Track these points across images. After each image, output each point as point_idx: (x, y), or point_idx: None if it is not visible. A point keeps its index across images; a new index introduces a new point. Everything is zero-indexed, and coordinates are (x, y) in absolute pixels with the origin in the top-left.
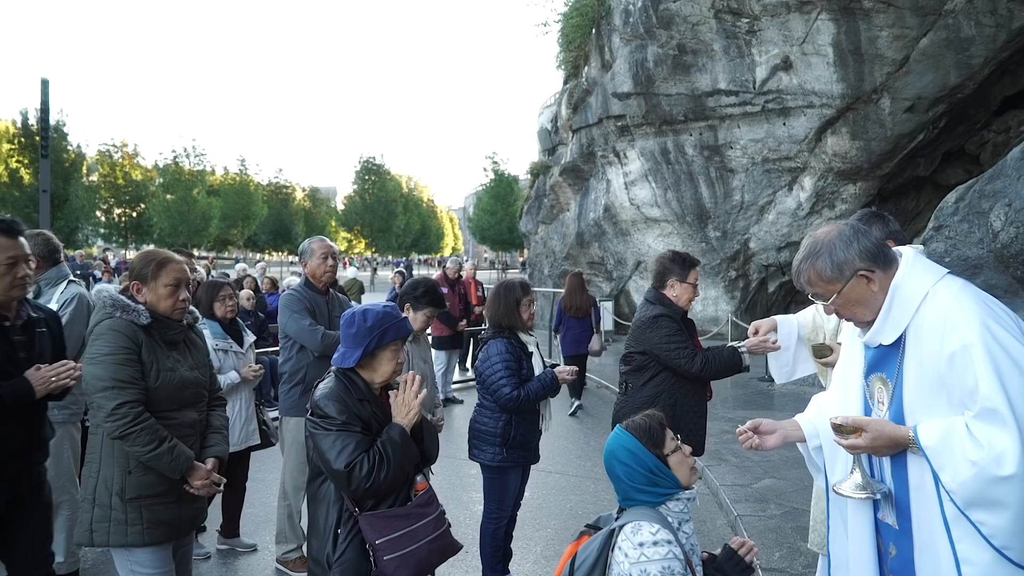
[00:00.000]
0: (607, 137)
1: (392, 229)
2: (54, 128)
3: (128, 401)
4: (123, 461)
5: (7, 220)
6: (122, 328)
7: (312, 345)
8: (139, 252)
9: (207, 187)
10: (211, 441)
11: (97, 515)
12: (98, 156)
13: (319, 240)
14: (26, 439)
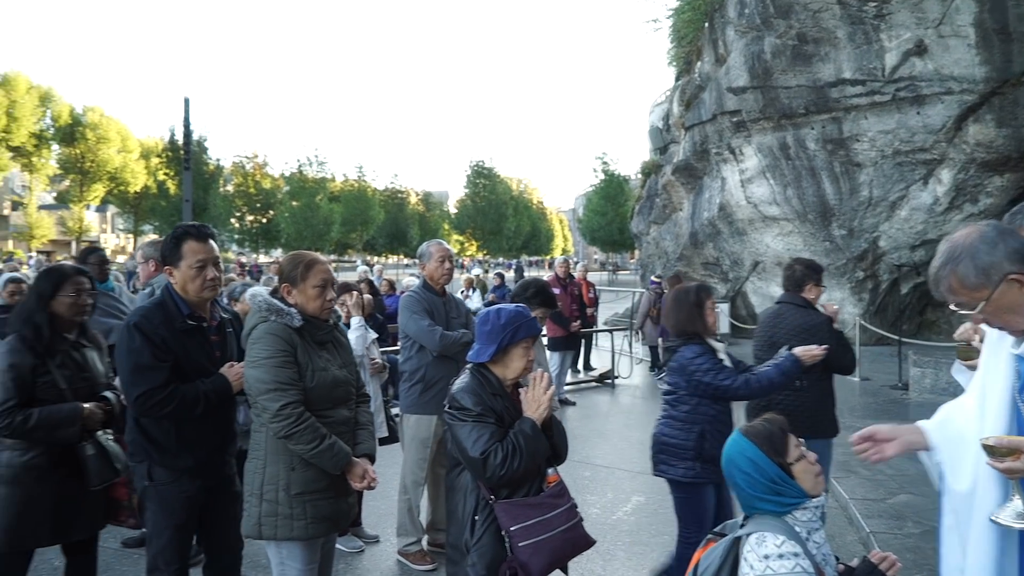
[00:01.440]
0: (722, 133)
1: (503, 231)
2: (196, 143)
3: (291, 402)
4: (287, 458)
5: (198, 225)
6: (278, 331)
7: (431, 345)
8: (286, 256)
9: (329, 194)
10: (360, 438)
11: (265, 510)
12: (233, 167)
13: (437, 244)
14: (223, 433)
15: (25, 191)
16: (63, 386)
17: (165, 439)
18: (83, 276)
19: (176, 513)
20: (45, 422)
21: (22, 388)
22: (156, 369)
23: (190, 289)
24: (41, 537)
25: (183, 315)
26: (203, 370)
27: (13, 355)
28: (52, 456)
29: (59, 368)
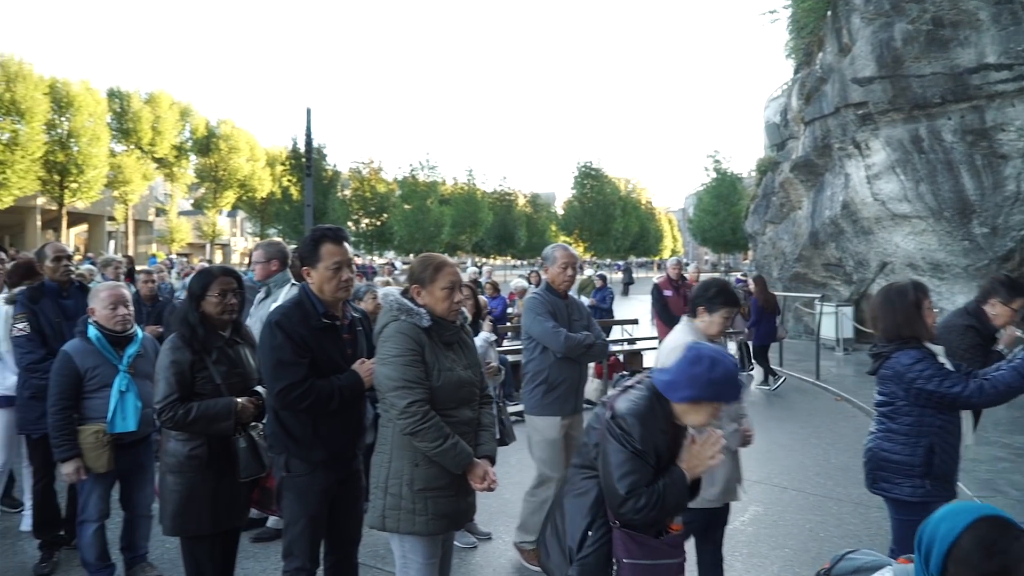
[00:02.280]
0: (845, 127)
1: (611, 232)
2: (316, 151)
3: (417, 400)
4: (411, 454)
5: (335, 228)
6: (407, 331)
7: (556, 347)
8: (416, 257)
9: (439, 197)
10: (482, 439)
11: (389, 503)
12: (349, 173)
13: (562, 249)
14: (354, 428)
15: (167, 199)
16: (218, 381)
17: (302, 432)
18: (230, 277)
19: (310, 504)
20: (203, 415)
21: (182, 383)
22: (296, 365)
23: (326, 289)
24: (203, 523)
25: (319, 314)
26: (336, 367)
27: (174, 352)
28: (211, 448)
29: (215, 364)
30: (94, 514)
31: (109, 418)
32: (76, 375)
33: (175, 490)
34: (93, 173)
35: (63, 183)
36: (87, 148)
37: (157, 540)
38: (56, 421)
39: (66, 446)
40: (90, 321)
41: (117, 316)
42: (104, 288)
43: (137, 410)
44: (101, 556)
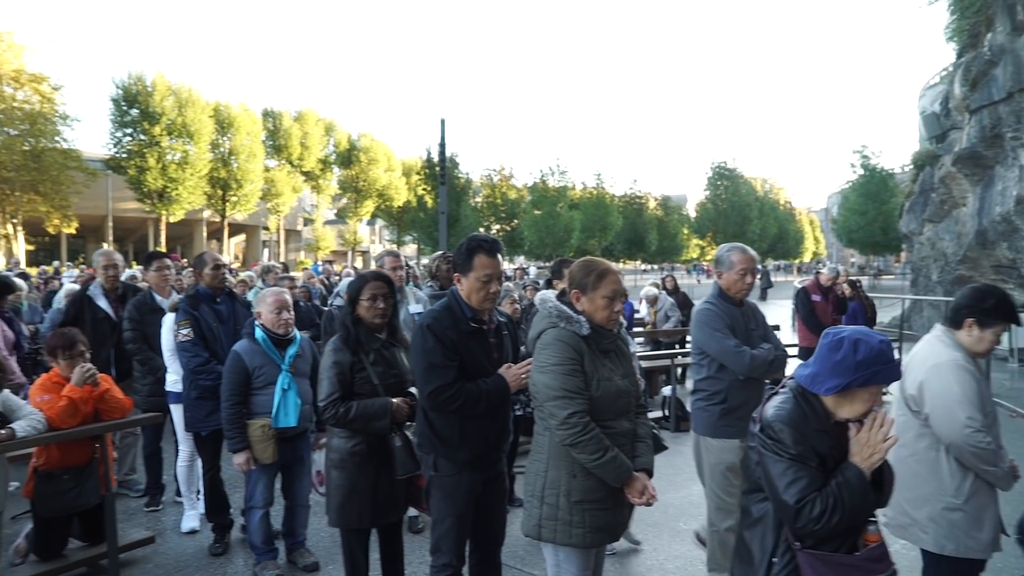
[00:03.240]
0: (1020, 114)
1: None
2: (449, 159)
3: (577, 411)
4: (568, 465)
5: (491, 240)
6: (566, 338)
7: (739, 368)
8: (579, 261)
9: (569, 201)
10: (639, 451)
11: (546, 513)
12: (481, 180)
13: (739, 252)
14: (499, 431)
15: (313, 209)
16: (376, 381)
17: (449, 433)
18: (381, 282)
19: (457, 503)
20: (362, 414)
21: (343, 382)
22: (446, 368)
23: (474, 299)
24: (364, 517)
25: (467, 318)
26: (483, 370)
27: (335, 353)
28: (370, 445)
29: (372, 365)
30: (260, 501)
31: (273, 414)
32: (245, 373)
33: (339, 484)
34: (250, 187)
35: (225, 197)
36: (245, 164)
37: (312, 528)
38: (229, 415)
39: (238, 438)
40: (257, 324)
41: (281, 320)
42: (270, 294)
43: (297, 407)
44: (266, 540)
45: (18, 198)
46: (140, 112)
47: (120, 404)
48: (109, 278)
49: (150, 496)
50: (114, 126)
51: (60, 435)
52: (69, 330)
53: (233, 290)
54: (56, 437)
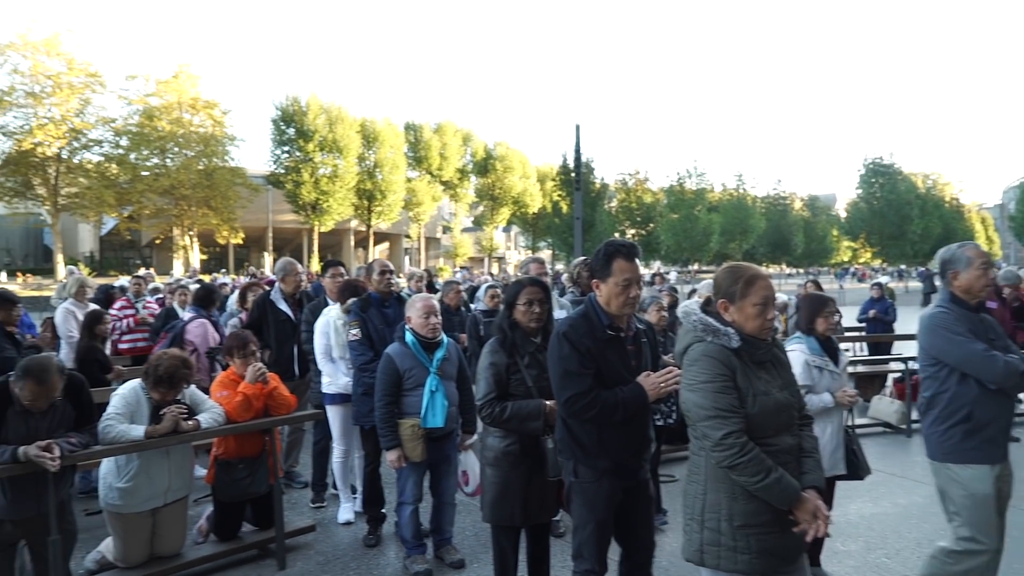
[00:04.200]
0: None
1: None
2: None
3: (733, 431)
4: (728, 487)
5: (628, 244)
6: (715, 353)
7: (990, 376)
8: (724, 267)
9: (707, 204)
10: (806, 467)
11: (707, 538)
12: (615, 185)
13: (974, 248)
14: (639, 439)
15: (451, 217)
16: (530, 384)
17: (588, 441)
18: (537, 287)
19: (597, 509)
20: (516, 414)
21: (499, 383)
22: (582, 375)
23: (613, 304)
24: (516, 516)
25: (604, 325)
26: (621, 378)
27: (492, 355)
28: (523, 445)
29: (527, 368)
30: (410, 497)
31: (422, 414)
32: (397, 374)
33: (493, 482)
34: (393, 197)
35: (370, 207)
36: (389, 176)
37: (457, 527)
38: (382, 414)
39: (390, 436)
40: (407, 328)
41: (429, 324)
42: (419, 299)
43: (444, 408)
44: (416, 535)
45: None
46: (296, 131)
47: (286, 401)
48: (291, 284)
49: (315, 492)
50: (274, 144)
51: (236, 428)
52: (243, 332)
53: (402, 295)
54: (233, 429)
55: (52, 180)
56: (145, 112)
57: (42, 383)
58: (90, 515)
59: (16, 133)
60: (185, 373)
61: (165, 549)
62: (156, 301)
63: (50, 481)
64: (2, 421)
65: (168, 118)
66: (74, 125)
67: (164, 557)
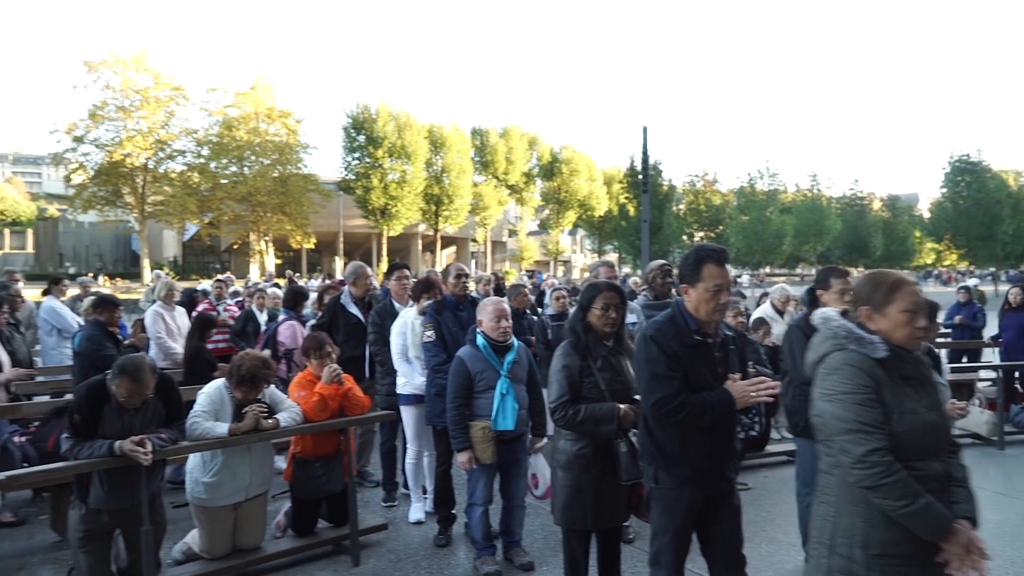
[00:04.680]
0: None
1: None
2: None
3: (877, 448)
4: (865, 511)
5: (719, 249)
6: (858, 363)
7: None
8: (865, 273)
9: (780, 205)
10: (957, 497)
11: (837, 564)
12: (683, 187)
13: None
14: (724, 447)
15: (517, 221)
16: (603, 387)
17: (670, 446)
18: (613, 292)
19: (677, 517)
20: (589, 417)
21: (572, 386)
22: (669, 379)
23: (702, 310)
24: (587, 519)
25: (691, 330)
26: (707, 385)
27: (565, 357)
28: (596, 448)
29: (600, 371)
30: (480, 498)
31: (493, 416)
32: (468, 377)
33: (565, 484)
34: (460, 202)
35: (438, 212)
36: (456, 181)
37: (526, 529)
38: (453, 416)
39: (461, 438)
40: (478, 331)
41: (500, 328)
42: (490, 303)
43: (515, 411)
44: (486, 536)
45: (269, 218)
46: (366, 137)
47: (360, 402)
48: (361, 287)
49: (387, 492)
50: (345, 151)
51: (313, 427)
52: (319, 334)
53: (476, 298)
54: (310, 429)
55: (140, 189)
56: (224, 123)
57: (136, 381)
58: (177, 507)
59: (107, 145)
60: (266, 373)
61: (246, 542)
62: (236, 304)
63: (142, 474)
64: (99, 417)
65: (246, 128)
66: (160, 136)
67: (245, 550)
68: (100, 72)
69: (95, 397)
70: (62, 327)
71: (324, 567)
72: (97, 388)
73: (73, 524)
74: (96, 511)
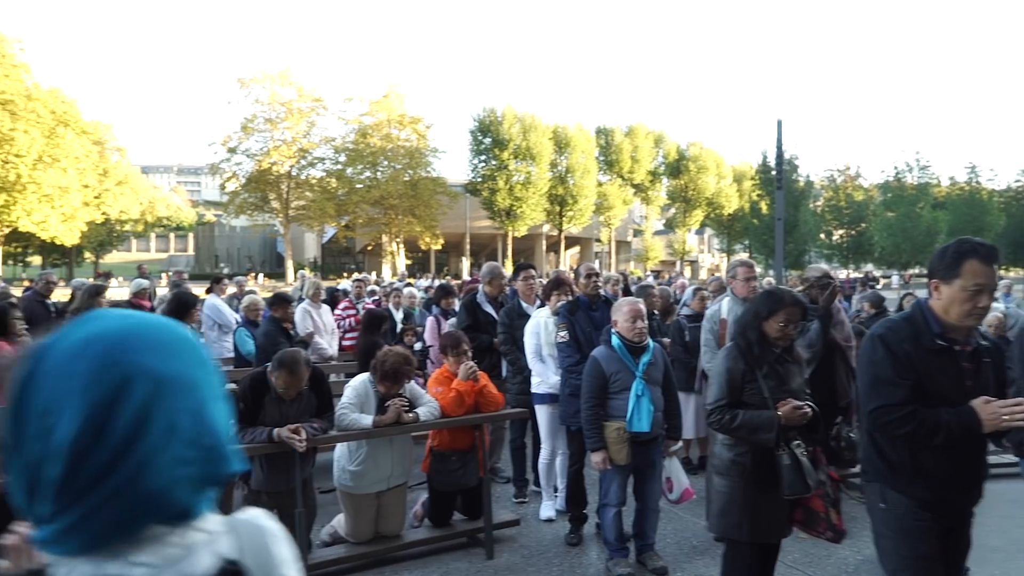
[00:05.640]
0: None
1: None
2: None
3: None
4: None
5: (988, 246)
6: None
7: None
8: None
9: (932, 200)
10: None
11: None
12: (820, 182)
13: None
14: (968, 472)
15: (642, 220)
16: (766, 395)
17: (899, 462)
18: (797, 308)
19: (913, 543)
20: (747, 423)
21: (732, 390)
22: (895, 385)
23: (953, 312)
24: (743, 530)
25: (933, 333)
26: (947, 398)
27: (730, 360)
28: (755, 457)
29: (764, 378)
30: (613, 500)
31: (628, 418)
32: (603, 377)
33: (720, 491)
34: (584, 202)
35: (562, 212)
36: (580, 181)
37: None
38: (587, 416)
39: (595, 438)
40: (613, 331)
41: (636, 329)
42: (626, 303)
43: (650, 413)
44: (619, 538)
45: (400, 220)
46: (492, 140)
47: (495, 399)
48: (495, 287)
49: (517, 488)
50: (471, 154)
51: (450, 422)
52: (457, 332)
53: (609, 298)
54: (447, 423)
55: (284, 195)
56: (360, 130)
57: (293, 373)
58: (323, 493)
59: (256, 155)
60: (408, 369)
61: (388, 529)
62: (373, 302)
63: (297, 460)
64: (261, 406)
65: (379, 134)
66: (302, 145)
67: (387, 536)
68: (251, 88)
69: (257, 388)
70: (222, 323)
71: (459, 558)
72: (259, 380)
73: (236, 504)
74: (256, 492)
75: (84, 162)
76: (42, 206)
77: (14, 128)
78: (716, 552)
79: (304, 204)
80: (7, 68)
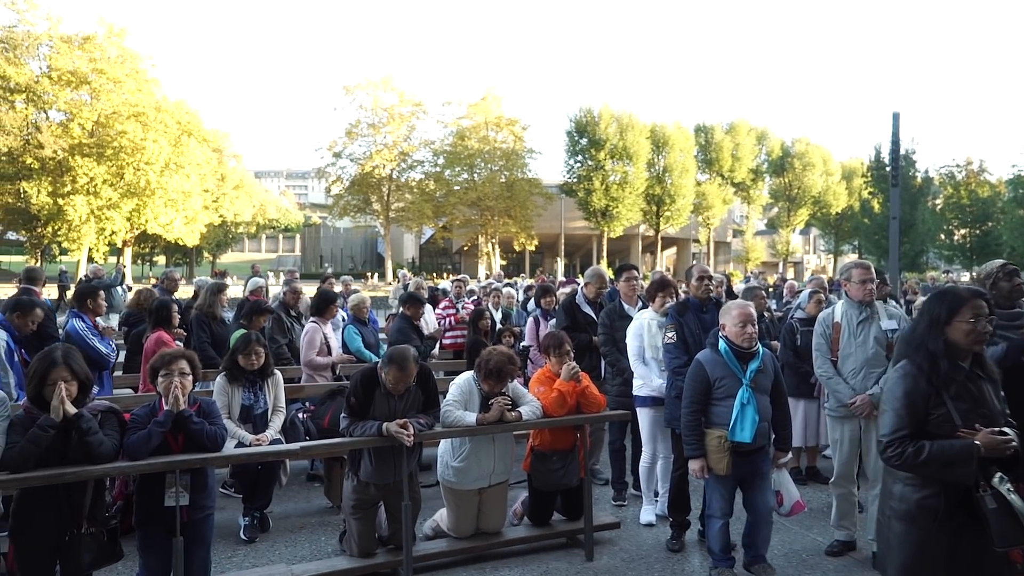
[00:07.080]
0: None
1: None
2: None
3: None
4: None
5: None
6: None
7: None
8: None
9: None
10: None
11: None
12: (940, 178)
13: None
14: None
15: (743, 220)
16: (958, 421)
17: None
18: (982, 300)
19: None
20: (937, 457)
21: (915, 418)
22: None
23: None
24: None
25: None
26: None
27: (909, 380)
28: (948, 498)
29: (953, 400)
30: (717, 511)
31: (730, 426)
32: (707, 382)
33: (904, 540)
34: (682, 202)
35: (659, 212)
36: (678, 180)
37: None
38: (687, 421)
39: (694, 445)
40: (720, 335)
41: (745, 333)
42: (735, 307)
43: (754, 423)
44: (724, 549)
45: (496, 221)
46: (588, 140)
47: (597, 400)
48: (592, 289)
49: (616, 491)
50: (567, 155)
51: (551, 421)
52: (559, 332)
53: (719, 300)
54: (549, 423)
55: (385, 197)
56: (457, 133)
57: (403, 370)
58: (425, 488)
59: (360, 159)
60: (511, 368)
61: (488, 525)
62: (472, 302)
63: (404, 454)
64: (371, 400)
65: (476, 137)
66: (403, 149)
67: (488, 532)
68: (355, 94)
69: (368, 383)
70: None
71: (559, 558)
72: (370, 375)
73: (347, 494)
74: (365, 484)
75: (205, 168)
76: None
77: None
78: (828, 567)
79: (403, 206)
80: (140, 83)
